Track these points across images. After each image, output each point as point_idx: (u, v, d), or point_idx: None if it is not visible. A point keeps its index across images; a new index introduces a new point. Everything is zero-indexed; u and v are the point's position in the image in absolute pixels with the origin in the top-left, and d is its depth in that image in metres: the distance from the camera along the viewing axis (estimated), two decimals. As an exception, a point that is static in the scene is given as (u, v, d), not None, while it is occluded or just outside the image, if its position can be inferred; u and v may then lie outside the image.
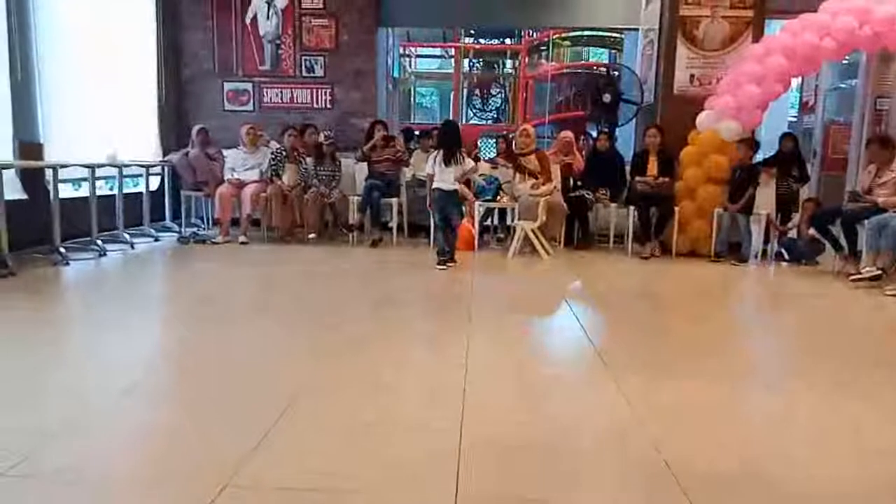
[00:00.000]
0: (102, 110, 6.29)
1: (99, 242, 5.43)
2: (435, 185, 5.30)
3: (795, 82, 7.92)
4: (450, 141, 5.30)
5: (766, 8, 6.53)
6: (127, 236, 5.91)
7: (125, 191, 6.20)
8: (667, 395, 2.55)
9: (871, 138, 5.83)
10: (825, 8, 5.79)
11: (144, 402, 2.38)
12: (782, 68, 5.89)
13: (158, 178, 7.03)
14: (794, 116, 10.12)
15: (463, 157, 5.26)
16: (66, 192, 5.74)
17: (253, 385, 2.54)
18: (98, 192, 5.67)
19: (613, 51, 12.25)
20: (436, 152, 5.36)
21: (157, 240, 6.31)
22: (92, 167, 5.49)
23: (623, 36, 10.01)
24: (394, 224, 6.61)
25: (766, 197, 6.16)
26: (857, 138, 7.52)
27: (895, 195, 5.16)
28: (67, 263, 4.90)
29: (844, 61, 7.36)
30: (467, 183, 6.37)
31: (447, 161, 5.21)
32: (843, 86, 8.33)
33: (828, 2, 5.80)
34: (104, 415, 2.24)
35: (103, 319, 3.56)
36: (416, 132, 8.33)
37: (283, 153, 6.54)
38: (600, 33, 11.57)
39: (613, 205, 6.52)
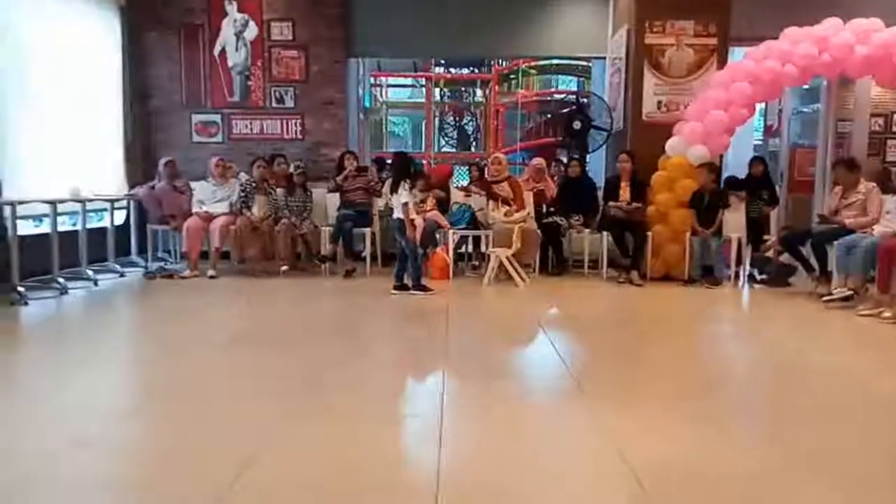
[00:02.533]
0: (65, 145, 6.14)
1: (60, 280, 5.24)
2: None
3: (759, 107, 8.08)
4: (395, 172, 5.59)
5: (729, 36, 6.67)
6: (90, 273, 5.72)
7: (89, 226, 6.02)
8: (650, 433, 2.48)
9: (836, 161, 5.94)
10: (786, 35, 5.95)
11: (100, 455, 2.24)
12: (747, 94, 6.01)
13: (124, 212, 6.86)
14: (760, 140, 10.33)
15: (406, 188, 5.33)
16: (27, 228, 5.56)
17: (214, 436, 2.39)
18: (60, 228, 5.50)
19: (582, 78, 12.45)
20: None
21: (122, 275, 6.12)
22: (53, 203, 5.33)
23: (591, 64, 10.18)
24: (367, 254, 6.52)
25: (736, 220, 6.22)
26: (821, 161, 7.68)
27: (862, 216, 5.25)
28: (26, 303, 4.71)
29: (806, 86, 7.54)
30: (443, 210, 6.38)
31: (392, 190, 5.45)
32: (805, 110, 8.53)
33: (788, 30, 5.96)
34: (54, 468, 2.09)
35: (59, 363, 3.39)
36: (388, 161, 8.29)
37: (253, 185, 6.43)
38: (568, 62, 11.75)
39: (587, 230, 6.53)
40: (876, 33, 5.65)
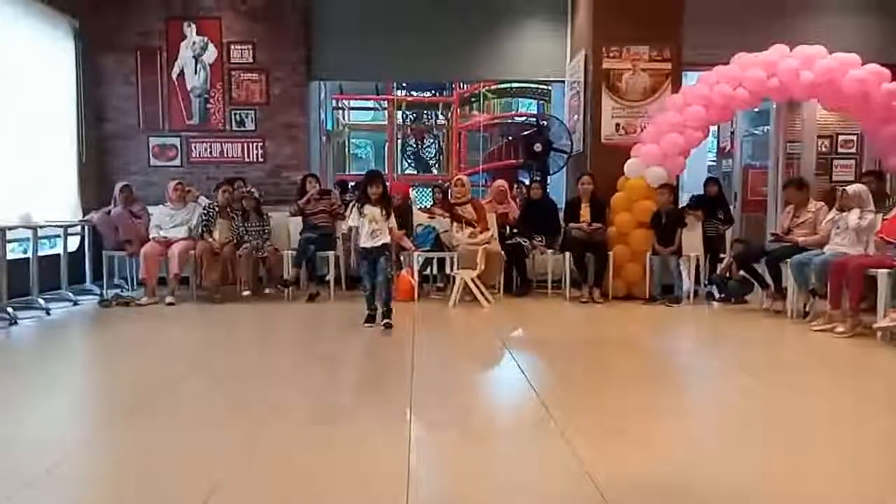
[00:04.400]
0: (16, 169, 5.95)
1: (9, 310, 5.04)
2: None
3: (713, 129, 8.34)
4: (360, 193, 5.00)
5: (683, 61, 6.89)
6: (41, 302, 5.52)
7: (41, 253, 5.83)
8: (621, 457, 2.49)
9: (787, 181, 6.16)
10: (736, 61, 6.17)
11: (51, 491, 2.14)
12: (701, 117, 6.20)
13: (78, 238, 6.66)
14: (714, 161, 10.65)
15: (356, 209, 4.83)
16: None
17: (172, 470, 2.29)
18: (10, 256, 5.31)
19: (542, 101, 12.67)
20: None
21: (76, 304, 5.93)
22: (2, 230, 5.14)
23: (550, 87, 10.38)
24: (331, 277, 6.45)
25: (693, 239, 6.37)
26: (773, 181, 7.95)
27: (813, 234, 5.43)
28: (-28, 335, 4.51)
29: (756, 109, 7.82)
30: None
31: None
32: (756, 132, 8.84)
33: (739, 55, 6.18)
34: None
35: (6, 397, 3.23)
36: (351, 184, 8.27)
37: (216, 209, 6.32)
38: (528, 85, 11.96)
39: (549, 251, 6.60)
40: (820, 59, 5.91)
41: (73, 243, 6.54)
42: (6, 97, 5.92)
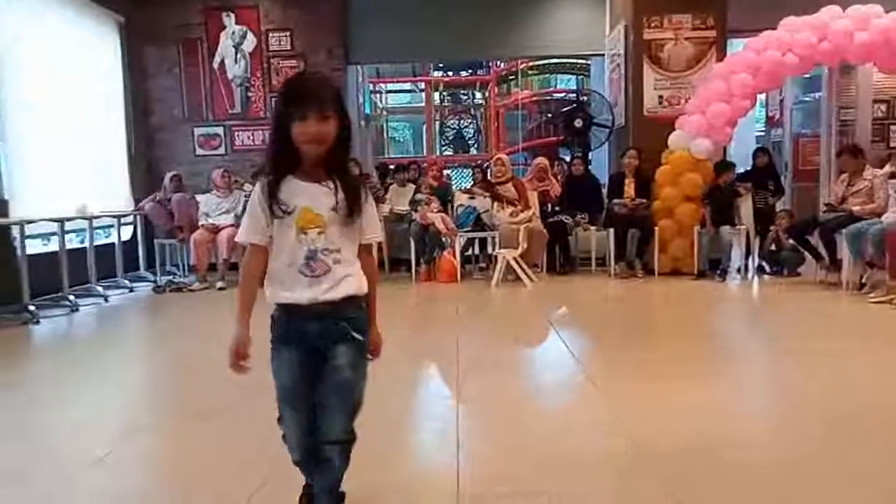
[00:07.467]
0: (71, 163, 6.18)
1: (71, 298, 5.26)
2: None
3: (761, 97, 8.06)
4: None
5: (728, 28, 6.66)
6: (100, 289, 5.74)
7: (97, 242, 6.05)
8: (666, 424, 2.47)
9: (841, 149, 5.93)
10: (785, 25, 5.93)
11: (116, 473, 2.24)
12: (747, 85, 6.00)
13: (131, 227, 6.88)
14: (762, 130, 10.32)
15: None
16: (35, 247, 5.59)
17: (231, 454, 2.37)
18: (69, 246, 5.52)
19: (581, 76, 12.46)
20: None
21: (131, 290, 6.14)
22: (61, 221, 5.35)
23: (589, 62, 10.18)
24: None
25: (744, 212, 6.20)
26: (826, 149, 7.65)
27: (869, 203, 5.23)
28: (38, 322, 4.71)
29: (807, 75, 7.51)
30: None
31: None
32: (807, 99, 8.51)
33: (787, 19, 5.95)
34: (72, 486, 2.09)
35: (72, 381, 3.39)
36: (391, 167, 8.31)
37: (258, 195, 6.45)
38: (567, 61, 11.77)
39: (593, 228, 6.52)
40: (875, 19, 5.64)
41: (126, 233, 6.76)
42: (60, 93, 6.13)
